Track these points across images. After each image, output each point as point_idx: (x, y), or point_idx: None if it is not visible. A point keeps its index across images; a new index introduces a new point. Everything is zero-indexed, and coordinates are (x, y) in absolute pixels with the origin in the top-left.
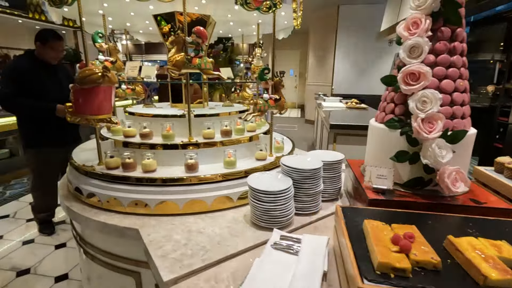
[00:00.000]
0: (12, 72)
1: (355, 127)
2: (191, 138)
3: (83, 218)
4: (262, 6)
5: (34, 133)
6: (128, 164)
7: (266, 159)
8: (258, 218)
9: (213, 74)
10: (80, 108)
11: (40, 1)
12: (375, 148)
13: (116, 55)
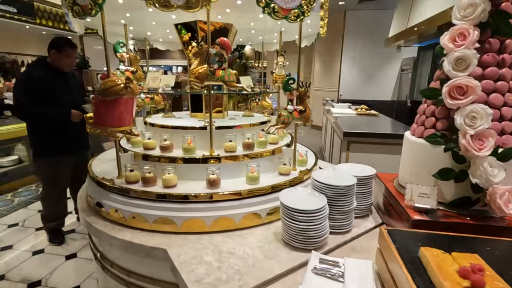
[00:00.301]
0: (26, 81)
1: (369, 135)
2: (212, 152)
3: (108, 237)
4: (290, 15)
5: (45, 141)
6: (148, 178)
7: (290, 173)
8: (292, 238)
9: (237, 86)
10: (101, 119)
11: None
12: (413, 163)
13: (137, 65)
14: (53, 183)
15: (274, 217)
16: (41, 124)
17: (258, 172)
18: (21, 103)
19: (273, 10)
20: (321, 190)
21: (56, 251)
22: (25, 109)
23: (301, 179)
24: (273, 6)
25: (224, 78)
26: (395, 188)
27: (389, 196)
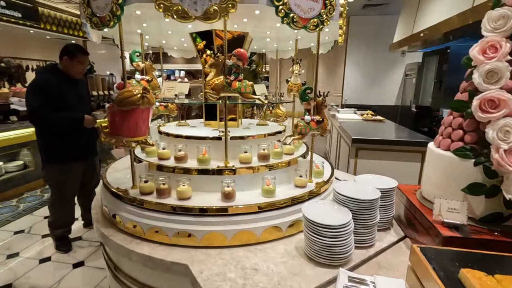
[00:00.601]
0: (38, 87)
1: (379, 141)
2: (227, 163)
3: (126, 251)
4: (309, 24)
5: (55, 148)
6: (163, 190)
7: (306, 186)
8: (317, 254)
9: (253, 97)
10: (116, 129)
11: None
12: (439, 176)
13: (152, 74)
14: (62, 190)
15: (294, 229)
16: (53, 130)
17: (274, 184)
18: (35, 109)
19: (292, 20)
20: (344, 203)
21: (63, 259)
22: (39, 114)
23: (317, 192)
24: (292, 16)
25: (240, 90)
26: (419, 201)
27: (413, 209)
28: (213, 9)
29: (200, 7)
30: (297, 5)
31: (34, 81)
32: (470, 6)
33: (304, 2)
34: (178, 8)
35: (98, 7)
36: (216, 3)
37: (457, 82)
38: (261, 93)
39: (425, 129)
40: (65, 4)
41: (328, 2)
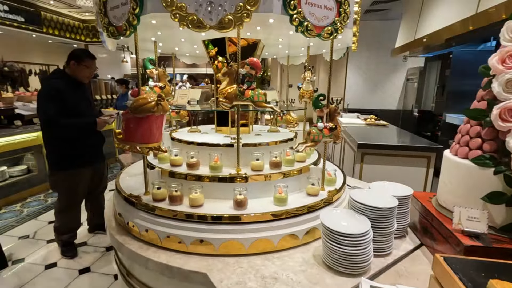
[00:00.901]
0: (51, 94)
1: (385, 146)
2: (239, 170)
3: (142, 258)
4: (323, 32)
5: (65, 154)
6: (175, 197)
7: (319, 194)
8: (336, 263)
9: (266, 106)
10: (131, 135)
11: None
12: (457, 185)
13: (165, 81)
14: (71, 195)
15: (310, 237)
16: (66, 136)
17: (286, 193)
18: (51, 117)
19: (306, 29)
20: (362, 211)
21: (69, 264)
22: (56, 122)
23: (330, 201)
24: (306, 25)
25: (253, 98)
26: (435, 209)
27: (430, 217)
28: (228, 18)
29: (215, 17)
30: (311, 13)
31: (46, 88)
32: (473, 12)
33: (318, 10)
34: (194, 18)
35: (115, 16)
36: (231, 13)
37: (459, 87)
38: (272, 99)
39: (428, 133)
40: (67, 9)
41: (342, 10)
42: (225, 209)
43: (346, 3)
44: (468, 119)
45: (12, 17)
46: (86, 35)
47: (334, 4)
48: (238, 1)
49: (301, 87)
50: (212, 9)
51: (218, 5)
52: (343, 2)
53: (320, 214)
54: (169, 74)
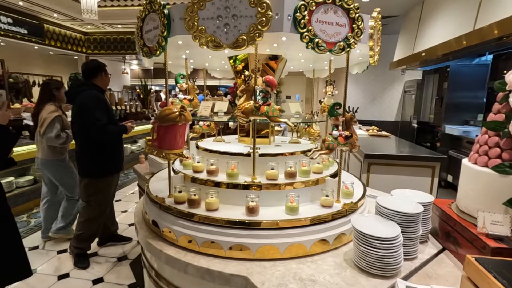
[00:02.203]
0: (99, 104)
1: (391, 157)
2: (254, 178)
3: (183, 264)
4: (335, 48)
5: (104, 161)
6: (194, 200)
7: (333, 206)
8: (370, 265)
9: (280, 121)
10: (158, 142)
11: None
12: (478, 191)
13: (194, 94)
14: (105, 202)
15: (338, 242)
16: (111, 142)
17: (297, 202)
18: (104, 123)
19: (316, 45)
20: (389, 216)
21: (82, 275)
22: (108, 128)
23: (343, 214)
24: (317, 41)
25: (268, 114)
26: (457, 215)
27: (453, 222)
28: (242, 38)
29: (231, 37)
30: (322, 30)
31: (93, 97)
32: (471, 29)
33: (329, 27)
34: (212, 39)
35: (148, 39)
36: (244, 33)
37: (457, 99)
38: (295, 111)
39: (428, 144)
40: (70, 22)
41: (355, 26)
42: (237, 215)
43: (360, 19)
44: (486, 130)
45: (15, 29)
46: (88, 47)
47: (347, 21)
48: (251, 22)
49: (323, 101)
50: (228, 30)
51: (233, 26)
52: (356, 18)
53: (352, 219)
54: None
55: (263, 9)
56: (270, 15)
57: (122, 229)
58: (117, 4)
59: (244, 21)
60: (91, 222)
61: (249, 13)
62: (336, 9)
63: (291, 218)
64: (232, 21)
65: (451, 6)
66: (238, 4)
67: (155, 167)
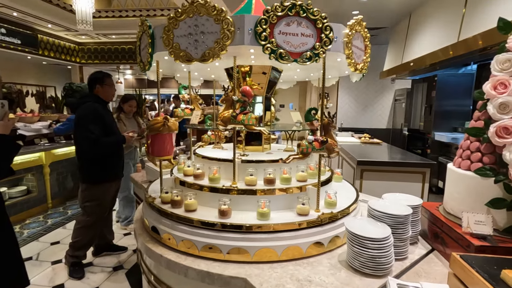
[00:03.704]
0: (93, 117)
1: (383, 163)
2: (234, 183)
3: (183, 268)
4: (300, 58)
5: (101, 168)
6: (176, 201)
7: (309, 214)
8: (363, 265)
9: (255, 129)
10: (149, 150)
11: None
12: (462, 193)
13: (196, 104)
14: (102, 209)
15: (332, 245)
16: (107, 153)
17: (268, 208)
18: (97, 136)
19: (280, 56)
20: (380, 218)
21: (77, 285)
22: (98, 143)
23: (318, 223)
24: (280, 52)
25: (244, 122)
26: (444, 216)
27: (440, 223)
28: (208, 52)
29: (199, 52)
30: (286, 42)
31: (88, 110)
32: (455, 40)
33: (294, 38)
34: (184, 54)
35: (143, 55)
36: (210, 47)
37: (445, 107)
38: (296, 120)
39: (418, 151)
40: (64, 32)
41: (324, 35)
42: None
43: (328, 28)
44: (468, 135)
45: (9, 39)
46: (81, 57)
47: (314, 31)
48: (217, 37)
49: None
50: (197, 45)
51: (202, 42)
52: (323, 28)
53: (345, 222)
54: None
55: (226, 25)
56: (232, 30)
57: (117, 238)
58: (112, 15)
59: (210, 37)
60: (86, 229)
61: (214, 29)
62: (301, 20)
63: (263, 223)
64: (201, 37)
65: (436, 19)
66: (205, 22)
67: (152, 175)
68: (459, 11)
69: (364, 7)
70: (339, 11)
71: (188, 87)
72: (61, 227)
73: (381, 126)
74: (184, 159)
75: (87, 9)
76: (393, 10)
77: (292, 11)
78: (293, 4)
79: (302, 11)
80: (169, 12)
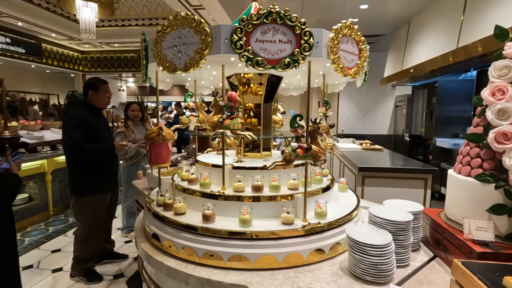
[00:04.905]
0: (78, 121)
1: (385, 169)
2: (224, 189)
3: (183, 275)
4: (278, 64)
5: (90, 180)
6: (168, 204)
7: (293, 223)
8: (364, 272)
9: (240, 134)
10: (148, 158)
11: (60, 51)
12: (463, 199)
13: (202, 111)
14: (97, 221)
15: (334, 252)
16: (89, 161)
17: (250, 214)
18: (76, 142)
19: (256, 63)
20: (381, 225)
21: None
22: (78, 147)
23: (302, 234)
24: (256, 60)
25: (229, 126)
26: (445, 223)
27: (442, 230)
28: (189, 62)
29: (182, 62)
30: (263, 49)
31: (72, 115)
32: (455, 47)
33: (271, 45)
34: (169, 64)
35: (142, 66)
36: (191, 57)
37: (446, 113)
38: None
39: (420, 157)
40: (68, 41)
41: (303, 41)
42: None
43: (308, 33)
44: (467, 141)
45: (13, 48)
46: (84, 65)
47: (293, 37)
48: (196, 47)
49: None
50: (180, 56)
51: (184, 52)
52: (302, 33)
53: (346, 228)
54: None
55: (204, 35)
56: (209, 40)
57: (118, 246)
58: (115, 24)
59: (191, 47)
60: (86, 242)
61: (194, 40)
62: (278, 27)
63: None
64: (184, 47)
65: (435, 25)
66: (187, 34)
67: (153, 182)
68: (457, 18)
69: (364, 15)
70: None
71: (194, 94)
72: (62, 234)
73: (382, 132)
74: (186, 164)
75: (90, 19)
76: (392, 18)
77: (268, 18)
78: (269, 12)
79: (279, 18)
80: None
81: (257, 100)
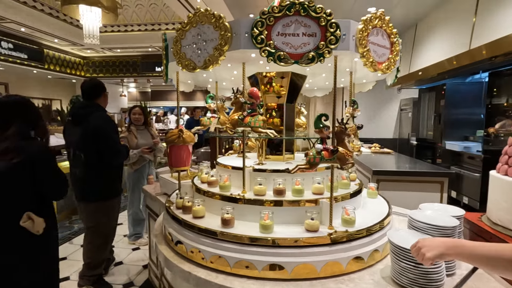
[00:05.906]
0: (113, 126)
1: (399, 173)
2: (244, 192)
3: (216, 286)
4: (302, 59)
5: (110, 184)
6: (186, 207)
7: (318, 230)
8: (412, 282)
9: (261, 131)
10: (169, 161)
11: (62, 57)
12: (509, 201)
13: (223, 112)
14: (112, 225)
15: (372, 260)
16: (108, 167)
17: (271, 219)
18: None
19: (278, 58)
20: (425, 230)
21: None
22: (121, 150)
23: (327, 242)
24: (278, 54)
25: (250, 124)
26: (490, 227)
27: (488, 235)
28: (208, 59)
29: (202, 59)
30: (285, 43)
31: (106, 119)
32: (467, 49)
33: (295, 39)
34: (189, 63)
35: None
36: (210, 54)
37: (455, 116)
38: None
39: (428, 160)
40: (70, 47)
41: (329, 33)
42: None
43: (334, 25)
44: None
45: (15, 54)
46: (86, 71)
47: (318, 30)
48: (216, 44)
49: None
50: (200, 54)
51: (203, 49)
52: (328, 25)
53: (388, 234)
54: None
55: (223, 30)
56: (228, 35)
57: (126, 253)
58: (118, 29)
59: (210, 44)
60: (99, 248)
61: (214, 36)
62: (302, 19)
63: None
64: (204, 44)
65: (444, 28)
66: (207, 30)
67: (167, 188)
68: (469, 20)
69: None
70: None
71: (215, 97)
72: (67, 242)
73: (388, 136)
74: (206, 166)
75: (94, 24)
76: (399, 21)
77: (291, 10)
78: (292, 3)
79: (302, 10)
80: (173, 26)
81: (279, 100)
